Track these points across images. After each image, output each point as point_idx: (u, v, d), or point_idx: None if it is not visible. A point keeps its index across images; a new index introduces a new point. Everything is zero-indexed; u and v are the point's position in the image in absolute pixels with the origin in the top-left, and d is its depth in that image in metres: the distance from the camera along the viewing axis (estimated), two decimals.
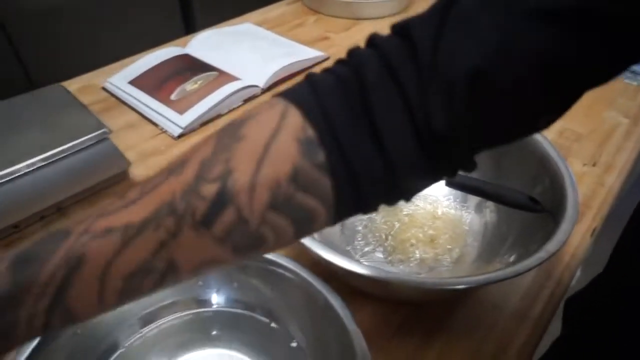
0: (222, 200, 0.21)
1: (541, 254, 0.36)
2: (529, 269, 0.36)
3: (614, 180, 0.61)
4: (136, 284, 0.22)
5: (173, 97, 0.71)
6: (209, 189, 0.21)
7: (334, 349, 0.36)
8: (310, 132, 0.21)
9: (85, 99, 0.68)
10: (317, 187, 0.21)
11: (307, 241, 0.38)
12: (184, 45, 0.86)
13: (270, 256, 0.40)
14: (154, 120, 0.69)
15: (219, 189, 0.21)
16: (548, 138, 0.48)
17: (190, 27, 1.27)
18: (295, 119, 0.21)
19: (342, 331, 0.35)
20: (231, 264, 0.23)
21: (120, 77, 0.76)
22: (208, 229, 0.21)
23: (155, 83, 0.74)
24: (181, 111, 0.68)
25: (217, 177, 0.21)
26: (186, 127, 0.66)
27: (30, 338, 0.23)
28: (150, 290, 0.23)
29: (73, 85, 0.77)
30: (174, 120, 0.67)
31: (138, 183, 0.23)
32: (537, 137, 0.48)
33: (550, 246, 0.37)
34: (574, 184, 0.43)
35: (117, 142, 0.64)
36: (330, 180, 0.21)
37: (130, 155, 0.62)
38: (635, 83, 0.80)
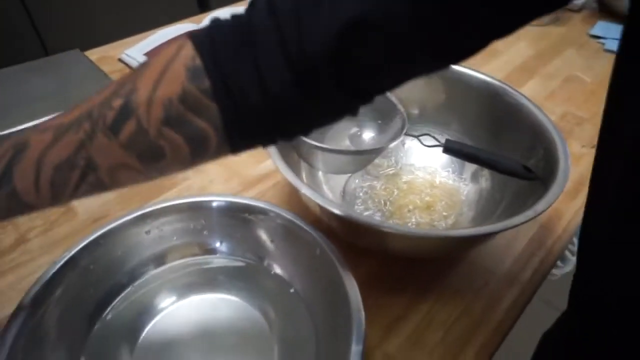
0: (126, 111, 0.25)
1: (529, 213, 0.38)
2: (516, 225, 0.38)
3: None
4: (63, 175, 0.27)
5: None
6: (117, 102, 0.26)
7: (329, 295, 0.39)
8: (198, 61, 0.25)
9: (102, 69, 0.71)
10: (204, 110, 0.25)
11: (310, 193, 0.40)
12: (199, 22, 0.89)
13: (272, 208, 0.43)
14: None
15: (124, 102, 0.25)
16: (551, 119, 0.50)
17: (204, 7, 1.30)
18: (188, 50, 0.25)
19: (336, 278, 0.38)
20: (143, 173, 0.28)
21: (137, 49, 0.79)
22: (115, 134, 0.26)
23: None
24: None
25: (125, 94, 0.25)
26: None
27: None
28: (77, 187, 0.27)
29: (90, 56, 0.80)
30: None
31: None
32: (535, 111, 0.49)
33: (539, 206, 0.39)
34: (567, 154, 0.45)
35: None
36: (216, 105, 0.25)
37: None
38: None
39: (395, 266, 0.47)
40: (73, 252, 0.38)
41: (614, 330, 0.32)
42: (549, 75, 0.82)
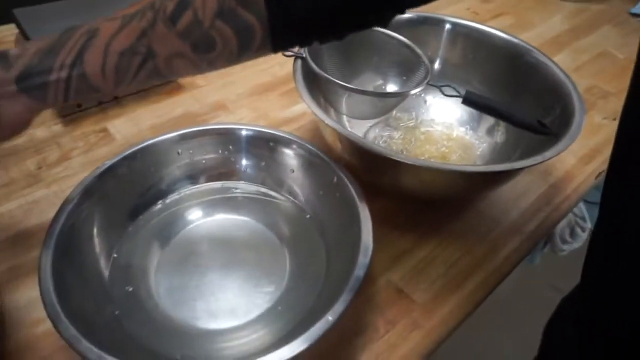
0: (184, 3, 0.29)
1: (537, 157, 0.40)
2: (522, 167, 0.40)
3: None
4: (126, 61, 0.30)
5: None
6: None
7: (342, 218, 0.42)
8: None
9: None
10: (253, 4, 0.28)
11: (332, 123, 0.43)
12: None
13: (296, 139, 0.46)
14: None
15: None
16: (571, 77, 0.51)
17: None
18: None
19: (350, 203, 0.41)
20: (195, 64, 0.31)
21: None
22: (173, 24, 0.29)
23: None
24: None
25: None
26: None
27: (57, 92, 0.32)
28: (137, 73, 0.31)
29: None
30: None
31: None
32: (557, 71, 0.51)
33: (548, 153, 0.41)
34: (583, 109, 0.46)
35: None
36: None
37: None
38: None
39: (408, 207, 0.50)
40: (113, 160, 0.43)
41: (626, 302, 0.33)
42: (580, 49, 0.81)
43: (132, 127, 0.59)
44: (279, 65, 0.70)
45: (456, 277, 0.45)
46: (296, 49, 0.51)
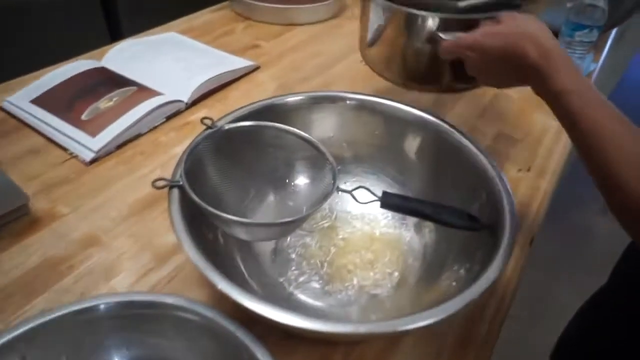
0: None
1: (472, 291, 0.34)
2: (467, 304, 0.33)
3: (547, 184, 0.61)
4: None
5: (84, 117, 0.63)
6: None
7: None
8: None
9: None
10: None
11: (226, 287, 0.33)
12: (101, 57, 0.78)
13: (184, 304, 0.35)
14: (63, 144, 0.61)
15: None
16: (483, 145, 0.47)
17: (115, 36, 1.18)
18: None
19: None
20: None
21: (22, 95, 0.67)
22: None
23: (63, 102, 0.66)
24: (94, 133, 0.61)
25: None
26: (99, 150, 0.59)
27: None
28: None
29: None
30: (85, 143, 0.60)
31: None
32: (476, 152, 0.46)
33: (490, 273, 0.35)
34: (512, 199, 0.41)
35: (17, 171, 0.56)
36: None
37: (32, 186, 0.55)
38: None
39: (337, 349, 0.41)
40: None
41: None
42: (478, 94, 0.80)
43: None
44: (160, 169, 0.59)
45: None
46: (171, 175, 0.41)
